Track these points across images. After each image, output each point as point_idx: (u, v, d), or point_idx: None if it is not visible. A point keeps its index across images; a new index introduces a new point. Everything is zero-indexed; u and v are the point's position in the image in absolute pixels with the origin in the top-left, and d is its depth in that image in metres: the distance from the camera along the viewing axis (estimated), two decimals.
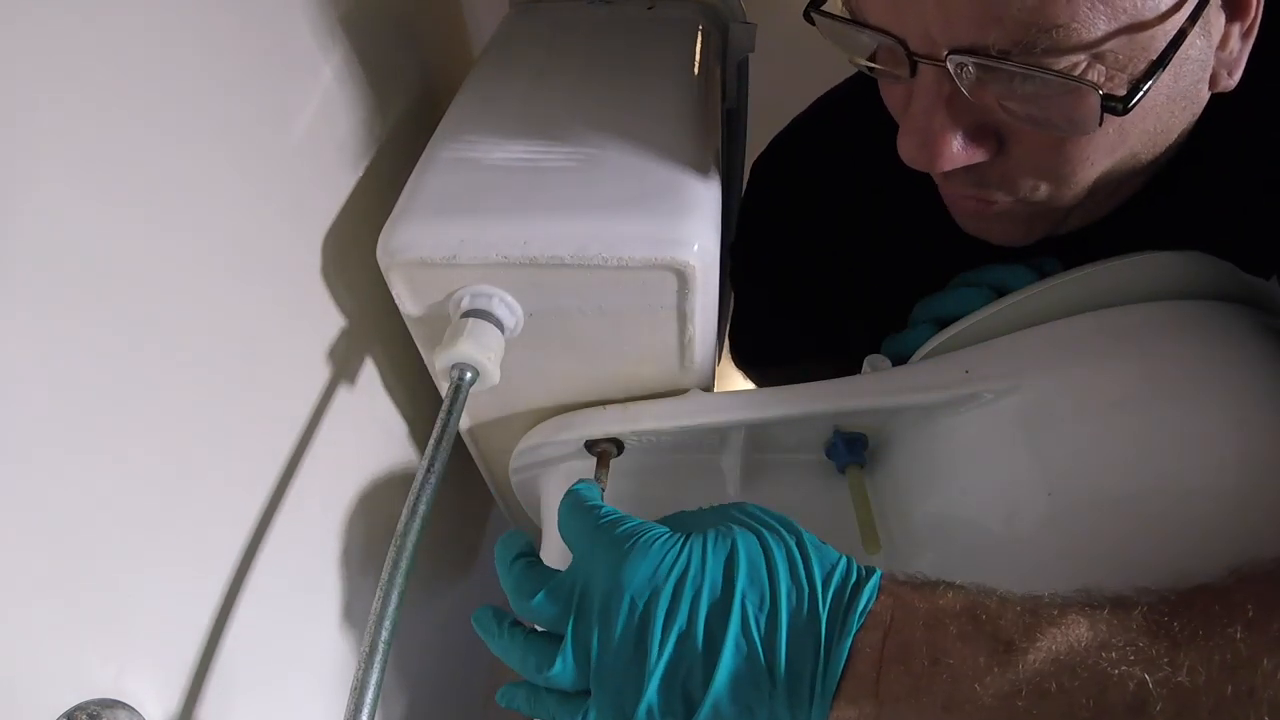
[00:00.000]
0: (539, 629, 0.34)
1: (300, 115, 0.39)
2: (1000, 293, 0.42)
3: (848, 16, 0.35)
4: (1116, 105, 0.30)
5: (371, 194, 0.45)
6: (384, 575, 0.30)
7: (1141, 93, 0.29)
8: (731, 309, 0.67)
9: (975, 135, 0.34)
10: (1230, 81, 0.34)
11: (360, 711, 0.27)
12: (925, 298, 0.46)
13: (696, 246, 0.36)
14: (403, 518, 0.32)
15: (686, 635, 0.29)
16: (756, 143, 0.62)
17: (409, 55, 0.54)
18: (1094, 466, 0.36)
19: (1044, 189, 0.37)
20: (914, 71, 0.33)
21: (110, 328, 0.27)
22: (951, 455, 0.40)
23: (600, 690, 0.30)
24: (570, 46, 0.52)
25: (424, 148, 0.43)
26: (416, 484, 0.33)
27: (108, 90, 0.27)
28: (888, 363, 0.43)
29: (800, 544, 0.31)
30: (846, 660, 0.28)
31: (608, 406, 0.44)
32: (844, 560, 0.31)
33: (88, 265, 0.26)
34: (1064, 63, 0.30)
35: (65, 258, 0.25)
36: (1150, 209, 0.41)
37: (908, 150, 0.35)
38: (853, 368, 0.44)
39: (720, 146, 0.45)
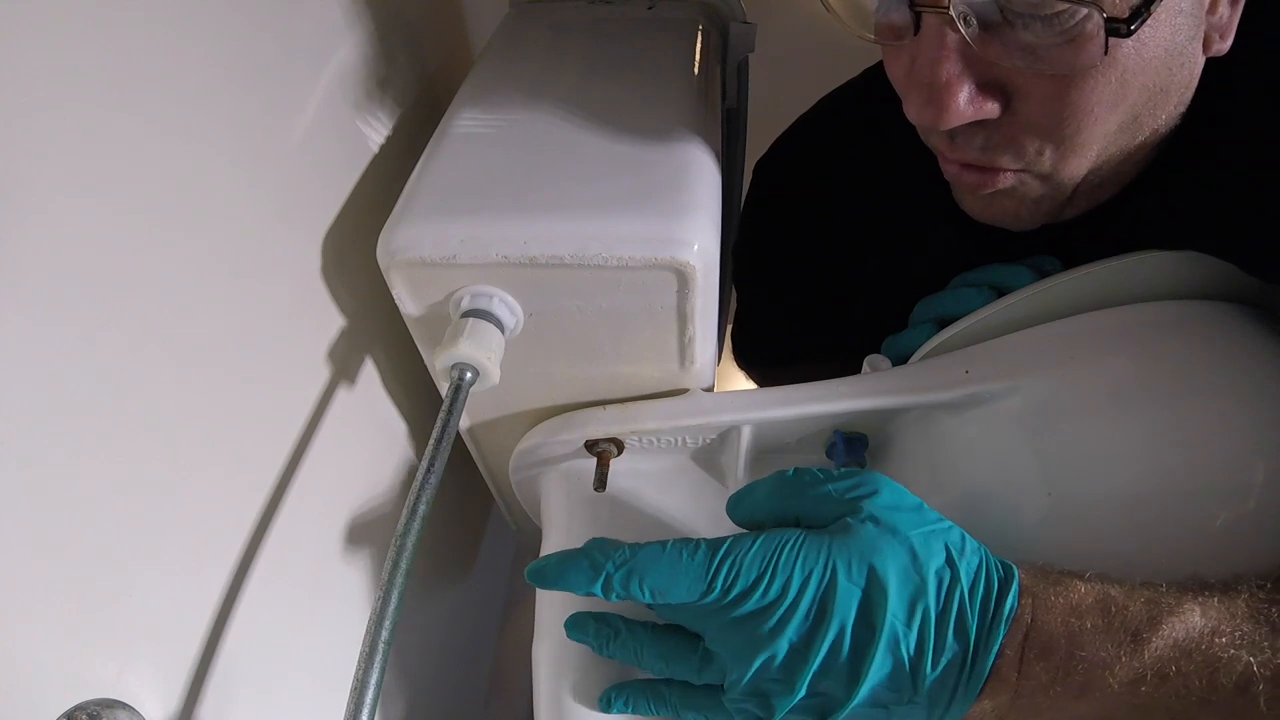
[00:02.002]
0: (660, 624, 0.36)
1: (300, 115, 0.39)
2: (1000, 293, 0.42)
3: None
4: (1120, 26, 0.30)
5: (371, 194, 0.45)
6: (384, 575, 0.30)
7: (1142, 18, 0.30)
8: (733, 309, 0.67)
9: (982, 89, 0.34)
10: (1222, 46, 0.35)
11: (360, 711, 0.27)
12: (925, 298, 0.46)
13: (696, 246, 0.36)
14: (403, 518, 0.32)
15: (833, 650, 0.31)
16: (756, 143, 0.62)
17: (409, 55, 0.54)
18: (1094, 466, 0.36)
19: (1049, 153, 0.37)
20: (918, 28, 0.34)
21: (110, 327, 0.27)
22: (951, 455, 0.40)
23: (745, 692, 0.32)
24: (570, 46, 0.52)
25: (424, 148, 0.43)
26: (416, 484, 0.33)
27: (108, 91, 0.27)
28: (888, 363, 0.43)
29: (949, 557, 0.32)
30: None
31: (608, 406, 0.44)
32: (985, 563, 0.32)
33: (87, 265, 0.26)
34: None
35: (65, 257, 0.25)
36: (1148, 203, 0.41)
37: (914, 107, 0.35)
38: (853, 368, 0.44)
39: (720, 146, 0.45)
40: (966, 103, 0.34)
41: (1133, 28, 0.30)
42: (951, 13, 0.31)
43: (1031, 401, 0.38)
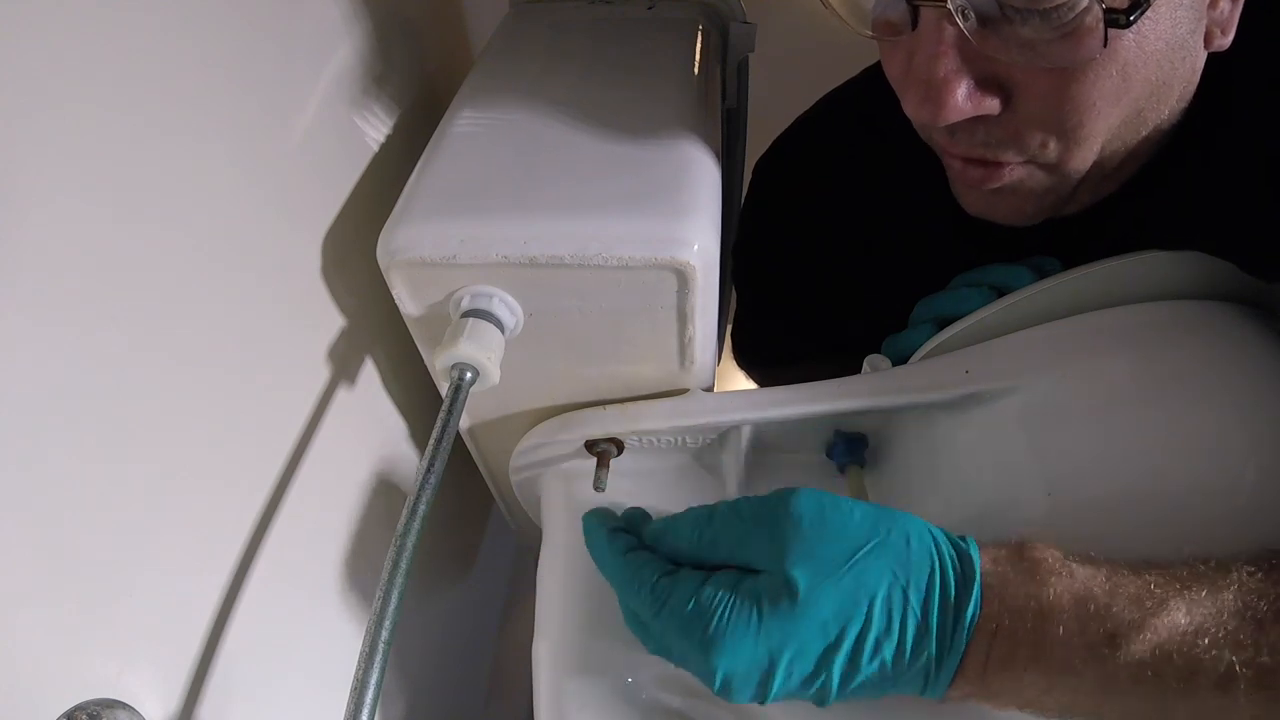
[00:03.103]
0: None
1: (300, 115, 0.39)
2: (1001, 293, 0.42)
3: None
4: (1120, 17, 0.30)
5: (371, 194, 0.45)
6: (384, 575, 0.30)
7: (1141, 9, 0.30)
8: (732, 309, 0.67)
9: (980, 85, 0.34)
10: (1224, 40, 0.35)
11: (360, 711, 0.27)
12: (925, 298, 0.46)
13: (696, 246, 0.36)
14: (402, 518, 0.32)
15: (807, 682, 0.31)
16: (756, 143, 0.62)
17: (409, 55, 0.54)
18: (1094, 466, 0.36)
19: (1053, 145, 0.36)
20: (915, 23, 0.34)
21: (110, 327, 0.27)
22: (951, 455, 0.40)
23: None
24: (570, 46, 0.52)
25: (424, 148, 0.43)
26: (416, 484, 0.33)
27: (108, 91, 0.27)
28: (888, 363, 0.43)
29: (894, 577, 0.30)
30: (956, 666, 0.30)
31: (608, 406, 0.44)
32: (938, 570, 0.30)
33: (87, 265, 0.26)
34: None
35: (65, 257, 0.25)
36: (1148, 201, 0.41)
37: (911, 103, 0.35)
38: (853, 368, 0.44)
39: (720, 146, 0.45)
40: (964, 98, 0.34)
41: (1132, 19, 0.30)
42: (949, 6, 0.31)
43: (1031, 401, 0.38)
